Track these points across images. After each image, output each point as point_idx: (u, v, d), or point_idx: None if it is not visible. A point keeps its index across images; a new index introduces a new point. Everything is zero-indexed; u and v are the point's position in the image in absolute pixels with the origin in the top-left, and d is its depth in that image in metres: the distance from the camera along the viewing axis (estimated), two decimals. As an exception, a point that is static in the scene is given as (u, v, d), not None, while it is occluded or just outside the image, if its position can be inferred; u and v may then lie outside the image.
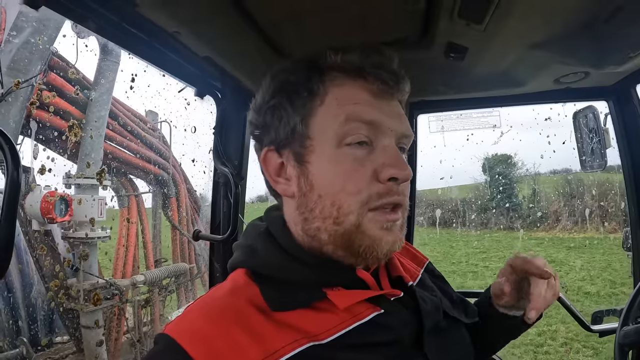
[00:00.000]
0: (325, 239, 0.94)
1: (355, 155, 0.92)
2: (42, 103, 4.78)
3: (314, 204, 0.94)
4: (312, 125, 0.95)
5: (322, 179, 0.94)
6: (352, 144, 0.92)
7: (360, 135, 0.92)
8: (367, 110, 0.93)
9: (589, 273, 12.33)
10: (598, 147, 2.30)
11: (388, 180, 0.91)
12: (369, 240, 0.91)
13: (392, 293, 1.00)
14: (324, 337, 0.86)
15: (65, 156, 5.25)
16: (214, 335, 0.82)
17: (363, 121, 0.92)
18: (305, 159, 0.96)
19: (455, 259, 15.12)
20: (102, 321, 5.18)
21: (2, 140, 0.98)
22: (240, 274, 0.97)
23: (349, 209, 0.91)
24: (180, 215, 7.24)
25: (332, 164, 0.93)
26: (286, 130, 0.97)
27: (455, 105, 2.62)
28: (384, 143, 0.94)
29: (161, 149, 6.90)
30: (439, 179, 16.41)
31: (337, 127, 0.93)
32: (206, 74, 1.99)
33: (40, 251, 4.90)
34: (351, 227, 0.91)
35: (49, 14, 4.28)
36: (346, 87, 0.96)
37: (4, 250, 0.97)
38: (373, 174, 0.92)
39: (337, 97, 0.95)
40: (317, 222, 0.94)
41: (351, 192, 0.91)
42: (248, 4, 1.51)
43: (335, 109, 0.94)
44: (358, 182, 0.91)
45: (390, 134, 0.95)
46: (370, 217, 0.91)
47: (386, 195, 0.92)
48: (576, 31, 1.61)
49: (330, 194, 0.92)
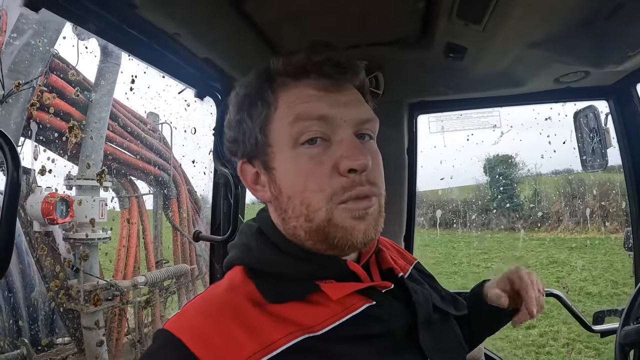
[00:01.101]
0: (303, 235, 0.96)
1: (311, 154, 0.93)
2: (42, 104, 4.78)
3: (286, 205, 0.97)
4: (269, 132, 0.98)
5: (286, 182, 0.96)
6: (307, 143, 0.94)
7: (313, 132, 0.93)
8: (315, 105, 0.95)
9: (591, 273, 12.31)
10: (599, 147, 2.30)
11: (348, 172, 0.92)
12: (342, 231, 0.92)
13: (383, 285, 1.01)
14: (318, 329, 0.87)
15: (66, 157, 5.26)
16: (212, 330, 0.84)
17: (312, 118, 0.94)
18: (270, 165, 0.98)
19: (456, 260, 15.10)
20: (102, 322, 5.19)
21: (3, 141, 0.98)
22: (236, 272, 0.98)
23: (317, 205, 0.92)
24: (181, 216, 7.24)
25: (292, 166, 0.95)
26: (251, 142, 1.01)
27: (455, 105, 2.62)
28: (340, 136, 0.94)
29: (162, 150, 6.91)
30: (439, 180, 16.42)
31: (289, 128, 0.94)
32: (206, 75, 2.00)
33: (41, 252, 4.90)
34: (322, 222, 0.93)
35: (50, 16, 4.28)
36: (293, 89, 0.98)
37: (4, 250, 0.98)
38: (333, 168, 0.92)
39: (287, 101, 0.97)
40: (293, 221, 0.96)
41: (314, 190, 0.92)
42: (247, 5, 1.51)
43: (286, 112, 0.96)
44: (319, 179, 0.92)
45: (344, 125, 0.95)
46: (340, 209, 0.92)
47: (350, 188, 0.92)
48: (575, 30, 1.61)
49: (297, 194, 0.94)
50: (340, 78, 0.98)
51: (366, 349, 0.90)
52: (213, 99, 2.16)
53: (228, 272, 1.01)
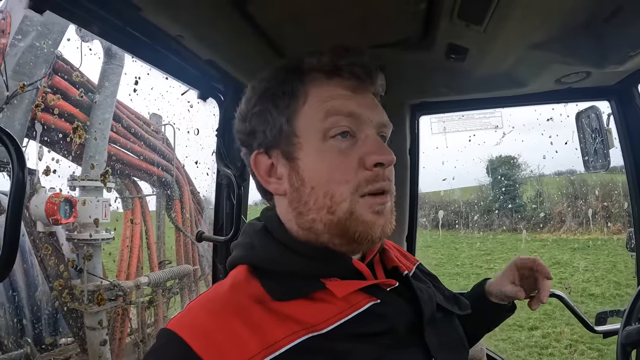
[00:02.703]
0: (321, 228, 0.98)
1: (340, 147, 0.97)
2: (46, 106, 4.79)
3: (307, 197, 0.99)
4: (297, 124, 1.01)
5: (312, 172, 0.99)
6: (336, 136, 0.98)
7: (342, 126, 0.98)
8: (345, 103, 0.99)
9: (594, 274, 12.28)
10: (601, 148, 2.30)
11: (374, 166, 0.97)
12: (363, 225, 0.96)
13: (388, 283, 1.03)
14: (323, 327, 0.88)
15: (70, 158, 5.27)
16: (215, 329, 0.84)
17: (342, 114, 0.98)
18: (294, 155, 1.01)
19: (459, 261, 15.08)
20: (106, 322, 5.19)
21: (9, 142, 0.99)
22: (240, 270, 0.99)
23: (341, 197, 0.95)
24: (184, 217, 7.24)
25: (320, 157, 0.98)
26: (273, 132, 1.03)
27: (457, 106, 2.63)
28: (366, 133, 1.00)
29: (165, 151, 6.91)
30: (442, 181, 16.41)
31: (320, 122, 0.98)
32: (209, 77, 2.01)
33: (44, 252, 4.91)
34: (345, 214, 0.95)
35: (54, 18, 4.30)
36: (325, 86, 1.02)
37: (9, 249, 0.99)
38: (359, 162, 0.97)
39: (318, 96, 1.01)
40: (312, 213, 0.98)
41: (340, 181, 0.96)
42: (250, 6, 1.52)
43: (317, 106, 1.00)
44: (346, 171, 0.96)
45: (370, 124, 1.01)
46: (361, 202, 0.96)
47: (373, 181, 0.97)
48: (576, 31, 1.62)
49: (322, 185, 0.97)
50: (367, 80, 1.03)
51: (370, 347, 0.90)
52: (216, 100, 2.16)
53: (231, 271, 1.02)
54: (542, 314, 10.22)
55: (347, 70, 1.01)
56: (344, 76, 1.02)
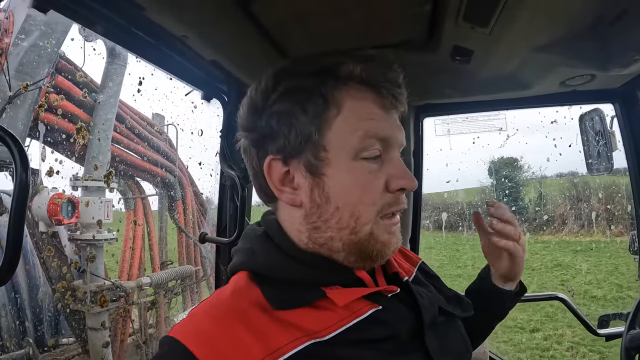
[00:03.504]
0: (339, 247, 0.96)
1: (370, 168, 0.95)
2: (50, 106, 4.79)
3: (330, 215, 0.95)
4: (328, 136, 0.94)
5: (340, 192, 0.94)
6: (368, 158, 0.94)
7: (376, 150, 0.95)
8: (381, 126, 0.96)
9: (596, 277, 12.28)
10: (604, 150, 2.30)
11: (397, 190, 0.96)
12: (380, 245, 0.97)
13: (389, 289, 1.01)
14: (325, 334, 0.87)
15: (73, 159, 5.27)
16: (218, 335, 0.84)
17: (378, 137, 0.95)
18: (320, 171, 0.94)
19: (461, 262, 15.08)
20: (108, 323, 5.19)
21: (12, 142, 0.98)
22: (241, 277, 0.98)
23: (366, 219, 0.94)
24: (187, 218, 7.24)
25: (350, 177, 0.94)
26: (298, 140, 0.94)
27: (461, 108, 2.61)
28: (391, 155, 0.98)
29: (168, 151, 6.91)
30: (445, 183, 16.41)
31: (356, 142, 0.93)
32: (213, 78, 2.01)
33: (47, 253, 4.91)
34: (366, 235, 0.95)
35: (57, 17, 4.30)
36: (363, 101, 0.96)
37: (12, 250, 0.98)
38: (385, 185, 0.95)
39: (354, 110, 0.94)
40: (331, 232, 0.95)
41: (368, 203, 0.94)
42: (254, 6, 1.51)
43: (353, 122, 0.94)
44: (373, 194, 0.94)
45: (395, 146, 0.99)
46: (380, 224, 0.96)
47: (394, 204, 0.97)
48: (581, 34, 1.61)
49: (349, 206, 0.94)
50: (400, 100, 0.99)
51: (372, 353, 0.90)
52: (220, 101, 2.16)
53: (233, 277, 1.01)
54: (543, 316, 10.22)
55: (387, 88, 0.96)
56: (382, 93, 0.96)
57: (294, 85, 0.96)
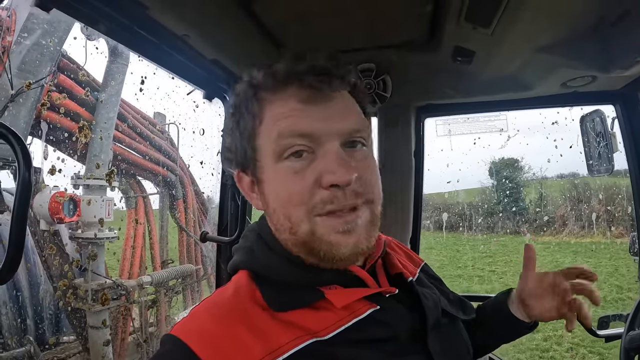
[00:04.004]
0: (292, 247, 0.96)
1: (294, 168, 0.91)
2: (52, 104, 4.79)
3: (273, 217, 0.97)
4: (257, 146, 0.97)
5: (271, 195, 0.96)
6: (290, 157, 0.92)
7: (295, 146, 0.91)
8: (296, 121, 0.92)
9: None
10: (605, 151, 2.29)
11: (330, 186, 0.90)
12: (326, 245, 0.91)
13: (388, 290, 1.01)
14: (325, 334, 0.88)
15: (76, 157, 5.27)
16: (219, 334, 0.84)
17: (294, 135, 0.91)
18: (259, 177, 0.98)
19: (461, 263, 15.08)
20: (108, 321, 5.19)
21: (15, 141, 0.98)
22: (242, 276, 0.99)
23: (298, 218, 0.92)
24: (188, 217, 7.24)
25: (276, 179, 0.94)
26: (242, 154, 1.00)
27: (462, 109, 2.61)
28: (325, 148, 0.92)
29: (169, 150, 6.91)
30: (446, 183, 16.41)
31: (273, 144, 0.93)
32: (214, 77, 2.01)
33: (49, 251, 4.91)
34: (306, 235, 0.92)
35: (59, 16, 4.31)
36: (276, 102, 0.95)
37: (15, 249, 0.97)
38: (315, 181, 0.90)
39: (271, 115, 0.95)
40: (282, 234, 0.96)
41: (296, 203, 0.91)
42: (256, 6, 1.52)
43: (270, 127, 0.94)
44: (300, 193, 0.91)
45: (330, 137, 0.92)
46: (321, 223, 0.91)
47: (330, 203, 0.90)
48: (583, 35, 1.61)
49: (280, 207, 0.94)
50: (324, 88, 0.93)
51: (372, 353, 0.90)
52: (221, 100, 2.16)
53: (234, 276, 1.01)
54: (543, 317, 10.21)
55: (296, 82, 0.93)
56: (294, 88, 0.93)
57: (234, 104, 1.03)
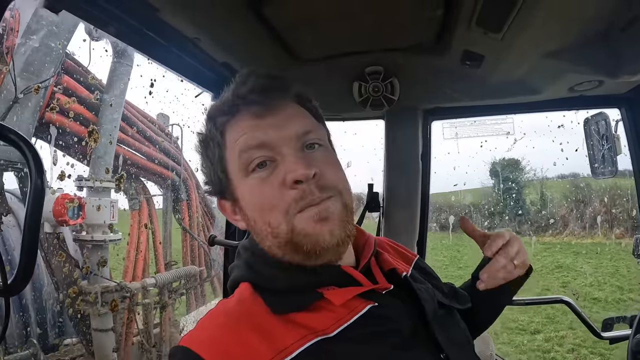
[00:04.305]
0: (278, 251, 1.00)
1: (261, 177, 0.98)
2: (61, 108, 4.80)
3: (254, 229, 1.03)
4: (227, 169, 1.05)
5: (248, 207, 1.02)
6: (255, 169, 0.99)
7: (257, 158, 0.99)
8: (252, 136, 1.00)
9: (597, 279, 12.28)
10: (609, 154, 2.29)
11: (295, 184, 0.95)
12: (307, 238, 0.95)
13: (383, 287, 1.04)
14: (331, 331, 0.91)
15: (85, 162, 5.27)
16: (228, 341, 0.87)
17: (252, 147, 0.99)
18: (235, 196, 1.05)
19: (462, 263, 15.08)
20: (112, 323, 5.20)
21: (26, 148, 0.96)
22: (244, 287, 1.02)
23: (276, 221, 0.96)
24: (192, 219, 7.25)
25: (248, 192, 1.01)
26: (216, 181, 1.08)
27: (469, 112, 2.60)
28: (283, 154, 0.98)
29: (173, 152, 6.91)
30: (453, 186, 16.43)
31: (237, 162, 1.01)
32: (223, 80, 1.97)
33: (58, 257, 4.91)
34: (287, 234, 0.96)
35: (63, 17, 4.31)
36: (234, 125, 1.03)
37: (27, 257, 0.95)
38: (281, 184, 0.96)
39: (231, 138, 1.03)
40: (265, 241, 1.01)
41: (270, 208, 0.97)
42: (266, 9, 1.52)
43: (232, 148, 1.02)
44: (270, 197, 0.97)
45: (285, 143, 0.99)
46: (299, 217, 0.95)
47: (301, 199, 0.95)
48: (592, 41, 1.61)
49: (258, 216, 1.00)
50: (269, 102, 1.01)
51: (378, 347, 0.93)
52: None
53: (236, 289, 1.04)
54: (544, 318, 10.23)
55: (242, 103, 1.01)
56: (242, 109, 1.02)
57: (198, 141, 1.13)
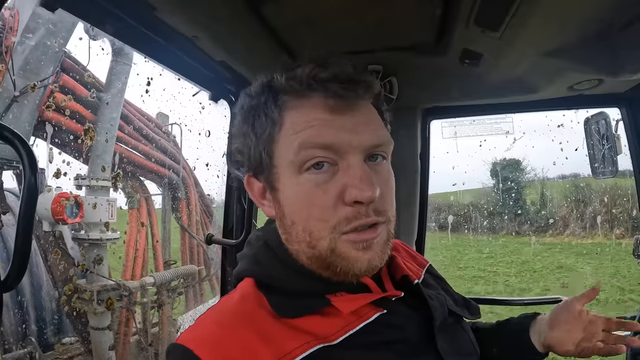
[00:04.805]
0: (305, 260, 0.95)
1: (316, 181, 0.89)
2: (57, 106, 4.78)
3: (289, 228, 0.95)
4: (275, 153, 0.93)
5: (290, 206, 0.94)
6: (311, 169, 0.89)
7: (318, 158, 0.89)
8: (321, 132, 0.89)
9: (598, 279, 12.26)
10: (609, 154, 2.28)
11: (354, 203, 0.88)
12: (345, 261, 0.90)
13: (394, 294, 1.00)
14: (334, 339, 0.87)
15: (81, 160, 5.26)
16: (227, 341, 0.84)
17: (317, 146, 0.88)
18: (275, 185, 0.95)
19: (462, 263, 15.09)
20: (110, 322, 5.19)
21: (20, 146, 0.95)
22: (248, 283, 0.98)
23: (319, 234, 0.90)
24: (190, 218, 7.24)
25: (296, 192, 0.92)
26: (255, 159, 0.97)
27: (468, 111, 2.61)
28: (348, 161, 0.89)
29: (172, 152, 6.91)
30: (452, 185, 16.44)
31: (293, 155, 0.89)
32: (221, 78, 2.00)
33: (55, 256, 4.91)
34: (325, 251, 0.90)
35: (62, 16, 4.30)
36: (300, 109, 0.92)
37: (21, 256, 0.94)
38: (338, 197, 0.88)
39: (292, 122, 0.91)
40: (295, 245, 0.95)
41: (318, 219, 0.89)
42: (264, 8, 1.51)
43: (290, 135, 0.91)
44: (323, 209, 0.89)
45: (353, 150, 0.89)
46: (343, 239, 0.89)
47: (354, 219, 0.89)
48: (591, 39, 1.60)
49: (300, 221, 0.92)
50: (351, 96, 0.90)
51: (383, 355, 0.91)
52: (227, 101, 2.15)
53: (239, 283, 1.01)
54: (545, 319, 10.21)
55: (321, 89, 0.89)
56: (319, 95, 0.90)
57: (249, 106, 0.98)
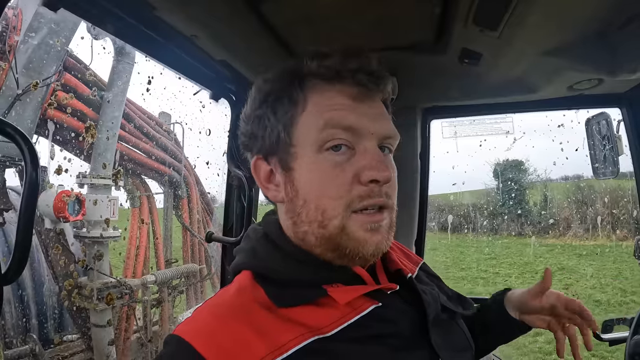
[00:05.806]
0: (313, 241, 0.97)
1: (335, 160, 0.94)
2: (59, 104, 4.80)
3: (300, 208, 0.97)
4: (294, 132, 0.97)
5: (305, 185, 0.96)
6: (330, 149, 0.94)
7: (339, 139, 0.94)
8: (345, 115, 0.94)
9: (600, 281, 12.23)
10: (610, 154, 2.28)
11: (369, 182, 0.92)
12: (354, 242, 0.93)
13: (389, 287, 1.02)
14: (328, 331, 0.89)
15: (82, 157, 5.27)
16: (222, 333, 0.85)
17: (341, 127, 0.94)
18: (290, 165, 0.98)
19: (464, 264, 15.06)
20: (112, 320, 5.20)
21: (22, 141, 0.97)
22: (245, 276, 0.99)
23: (332, 212, 0.93)
24: (192, 216, 7.24)
25: (314, 170, 0.95)
26: (271, 139, 1.00)
27: (468, 111, 2.61)
28: (365, 146, 0.95)
29: (173, 150, 6.91)
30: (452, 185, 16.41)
31: (317, 133, 0.94)
32: (221, 77, 2.01)
33: (55, 251, 4.91)
34: (336, 230, 0.93)
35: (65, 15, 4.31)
36: (325, 93, 0.97)
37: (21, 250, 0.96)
38: (354, 177, 0.93)
39: (316, 104, 0.97)
40: (305, 226, 0.97)
41: (333, 196, 0.93)
42: (264, 7, 1.52)
43: (314, 115, 0.96)
44: (339, 186, 0.93)
45: (371, 136, 0.96)
46: (354, 219, 0.93)
47: (368, 197, 0.93)
48: (591, 38, 1.61)
49: (314, 199, 0.95)
50: (373, 88, 0.97)
51: (376, 348, 0.92)
52: (228, 100, 2.15)
53: (237, 276, 1.02)
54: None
55: (351, 77, 0.95)
56: (346, 83, 0.96)
57: (268, 90, 1.02)
